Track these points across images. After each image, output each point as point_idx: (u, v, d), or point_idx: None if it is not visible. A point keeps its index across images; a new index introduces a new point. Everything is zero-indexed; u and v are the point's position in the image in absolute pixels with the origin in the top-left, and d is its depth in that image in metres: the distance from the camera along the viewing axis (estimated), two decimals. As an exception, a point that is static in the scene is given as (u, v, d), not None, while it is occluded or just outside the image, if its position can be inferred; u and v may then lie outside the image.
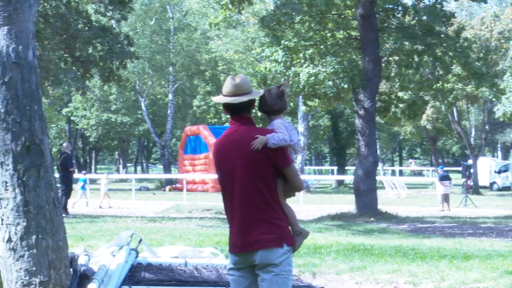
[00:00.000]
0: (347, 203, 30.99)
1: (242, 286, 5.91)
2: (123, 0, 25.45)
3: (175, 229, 18.51)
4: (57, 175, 22.39)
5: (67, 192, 23.54)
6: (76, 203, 30.32)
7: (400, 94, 30.26)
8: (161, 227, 19.41)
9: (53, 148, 64.98)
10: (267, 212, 5.79)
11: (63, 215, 22.43)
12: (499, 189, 54.74)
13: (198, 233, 16.84)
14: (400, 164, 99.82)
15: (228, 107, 5.95)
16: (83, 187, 32.25)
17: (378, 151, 58.81)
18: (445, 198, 31.41)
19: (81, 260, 7.97)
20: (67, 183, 23.60)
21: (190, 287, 7.88)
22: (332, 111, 56.28)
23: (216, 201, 29.41)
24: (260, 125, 8.47)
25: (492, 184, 56.62)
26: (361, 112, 25.85)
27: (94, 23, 26.08)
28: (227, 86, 5.92)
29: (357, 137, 26.89)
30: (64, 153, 24.05)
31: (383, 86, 31.15)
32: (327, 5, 25.99)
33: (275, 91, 6.02)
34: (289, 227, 5.92)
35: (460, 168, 49.96)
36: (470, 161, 47.99)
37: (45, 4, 24.04)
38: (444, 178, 32.23)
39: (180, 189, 42.66)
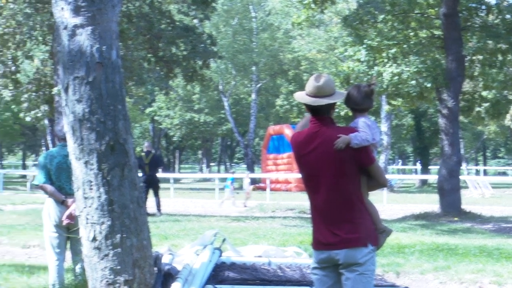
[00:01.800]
0: (430, 203, 30.54)
1: (325, 285, 5.91)
2: (206, 0, 25.59)
3: (259, 228, 18.53)
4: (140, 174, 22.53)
5: (156, 192, 23.75)
6: (225, 202, 31.51)
7: (483, 93, 29.76)
8: (245, 226, 19.45)
9: (137, 147, 65.87)
10: (352, 212, 5.77)
11: (158, 214, 22.71)
12: None
13: (282, 233, 16.82)
14: (484, 164, 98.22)
15: (308, 107, 5.91)
16: (229, 185, 33.03)
17: (462, 151, 57.87)
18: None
19: (165, 259, 8.00)
20: (156, 181, 23.82)
21: (274, 286, 7.84)
22: (415, 110, 55.58)
23: (300, 200, 29.35)
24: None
25: None
26: (445, 111, 25.44)
27: (177, 23, 26.25)
28: (309, 86, 5.88)
29: (440, 136, 26.47)
30: (149, 152, 24.26)
31: (467, 85, 30.62)
32: (410, 4, 25.69)
33: (365, 89, 5.96)
34: (373, 226, 5.88)
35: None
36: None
37: (129, 4, 24.32)
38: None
39: (263, 189, 42.68)
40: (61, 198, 9.21)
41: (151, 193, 23.49)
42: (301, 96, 5.94)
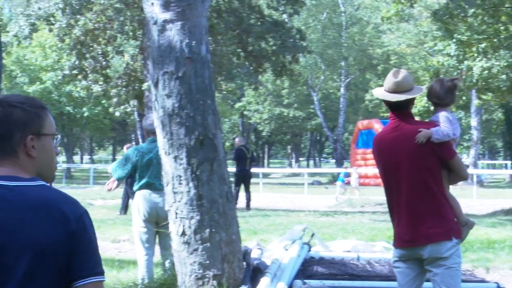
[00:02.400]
0: (522, 198, 29.89)
1: (408, 278, 5.90)
2: (295, -5, 25.59)
3: (348, 223, 18.41)
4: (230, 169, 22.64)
5: (248, 187, 23.95)
6: (342, 195, 31.60)
7: None
8: (334, 221, 19.35)
9: (226, 142, 66.26)
10: (435, 206, 5.73)
11: (247, 210, 22.80)
12: None
13: (371, 227, 16.68)
14: None
15: (387, 103, 5.88)
16: (342, 179, 33.33)
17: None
18: None
19: (254, 254, 8.00)
20: (250, 176, 24.10)
21: (362, 281, 7.79)
22: (506, 105, 54.34)
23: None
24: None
25: None
26: (536, 105, 24.86)
27: (267, 18, 26.26)
28: (387, 82, 5.86)
29: (532, 131, 25.86)
30: (243, 146, 24.51)
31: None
32: (500, -2, 25.13)
33: (448, 84, 5.90)
34: (455, 219, 5.83)
35: None
36: None
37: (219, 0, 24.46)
38: None
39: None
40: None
41: (242, 187, 23.68)
42: (380, 92, 5.93)
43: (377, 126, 47.33)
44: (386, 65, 59.46)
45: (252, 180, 26.05)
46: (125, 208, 22.31)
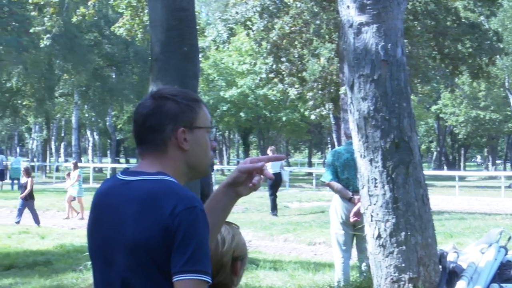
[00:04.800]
0: None
1: None
2: (491, -4, 25.01)
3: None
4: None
5: None
6: None
7: None
8: (532, 226, 18.71)
9: (422, 145, 65.30)
10: None
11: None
12: None
13: None
14: None
15: None
16: None
17: None
18: None
19: (450, 257, 7.88)
20: None
21: None
22: None
23: None
24: None
25: None
26: None
27: (463, 20, 25.78)
28: None
29: None
30: None
31: None
32: None
33: None
34: None
35: None
36: None
37: (415, 2, 24.21)
38: None
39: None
40: (348, 195, 9.31)
41: None
42: None
43: None
44: None
45: (449, 183, 25.49)
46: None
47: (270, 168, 21.70)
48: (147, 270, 2.65)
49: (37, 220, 20.46)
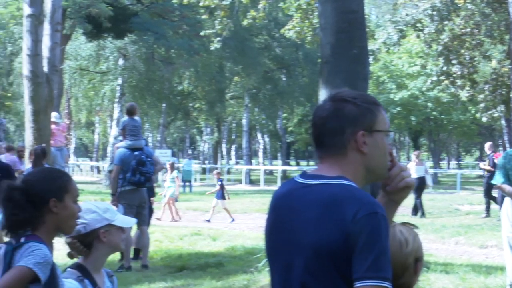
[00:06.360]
0: None
1: None
2: None
3: None
4: None
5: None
6: None
7: None
8: None
9: None
10: None
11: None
12: None
13: None
14: None
15: None
16: None
17: None
18: None
19: None
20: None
21: None
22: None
23: None
24: None
25: None
26: None
27: None
28: None
29: None
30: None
31: None
32: None
33: None
34: None
35: None
36: None
37: None
38: None
39: None
40: None
41: None
42: None
43: None
44: None
45: None
46: (487, 210, 22.46)
47: (415, 173, 21.83)
48: (327, 275, 2.66)
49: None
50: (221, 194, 22.36)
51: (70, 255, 4.10)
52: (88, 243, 4.05)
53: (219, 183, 22.74)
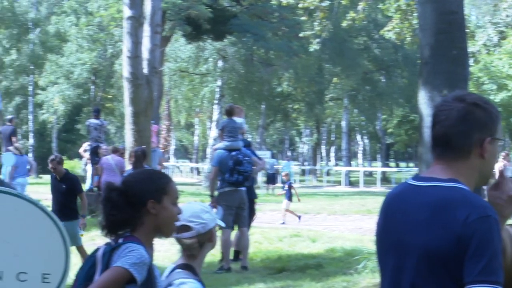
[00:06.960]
0: None
1: None
2: None
3: None
4: None
5: None
6: None
7: None
8: None
9: None
10: None
11: None
12: None
13: None
14: None
15: None
16: None
17: None
18: None
19: None
20: None
21: None
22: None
23: None
24: None
25: None
26: None
27: None
28: None
29: None
30: None
31: None
32: None
33: None
34: None
35: None
36: None
37: None
38: None
39: None
40: None
41: None
42: None
43: None
44: None
45: None
46: None
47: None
48: (438, 277, 2.67)
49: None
50: (289, 196, 22.40)
51: (192, 257, 4.07)
52: (202, 243, 4.07)
53: (287, 184, 22.78)
